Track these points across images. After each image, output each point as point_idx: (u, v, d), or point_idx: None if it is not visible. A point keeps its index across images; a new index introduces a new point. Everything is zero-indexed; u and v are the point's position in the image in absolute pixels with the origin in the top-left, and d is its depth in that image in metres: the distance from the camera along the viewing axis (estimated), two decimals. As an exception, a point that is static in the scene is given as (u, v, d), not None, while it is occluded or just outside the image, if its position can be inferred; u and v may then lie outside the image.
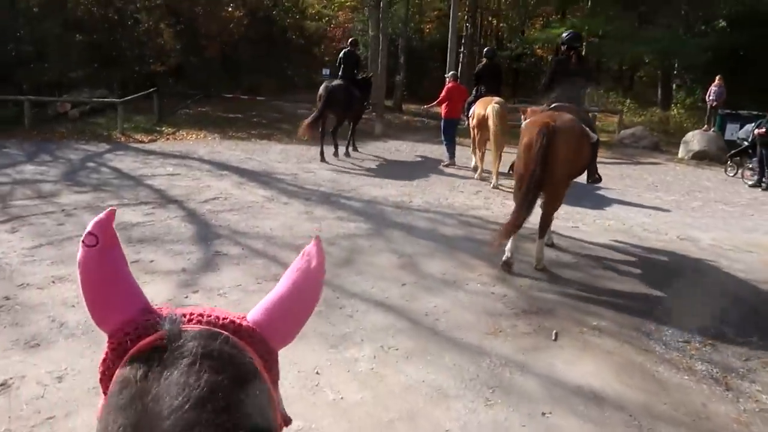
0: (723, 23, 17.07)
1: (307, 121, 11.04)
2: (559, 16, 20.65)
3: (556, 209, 6.09)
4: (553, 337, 4.44)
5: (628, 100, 18.65)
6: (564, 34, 6.73)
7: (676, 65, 16.95)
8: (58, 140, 12.51)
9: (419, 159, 12.15)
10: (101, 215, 0.74)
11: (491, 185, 10.14)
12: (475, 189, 9.43)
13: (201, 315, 0.70)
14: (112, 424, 0.58)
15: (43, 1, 20.06)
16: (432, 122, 17.96)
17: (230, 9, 22.35)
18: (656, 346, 4.40)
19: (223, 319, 0.71)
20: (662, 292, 5.46)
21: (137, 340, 0.66)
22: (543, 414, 3.44)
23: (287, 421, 0.75)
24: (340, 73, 11.57)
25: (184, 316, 0.69)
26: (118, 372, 0.64)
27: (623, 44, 15.40)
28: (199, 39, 20.95)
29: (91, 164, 10.35)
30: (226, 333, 0.67)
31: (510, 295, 5.22)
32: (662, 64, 16.95)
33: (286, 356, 1.86)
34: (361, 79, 12.26)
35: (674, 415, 3.51)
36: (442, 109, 11.55)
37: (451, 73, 12.32)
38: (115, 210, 0.77)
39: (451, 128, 11.47)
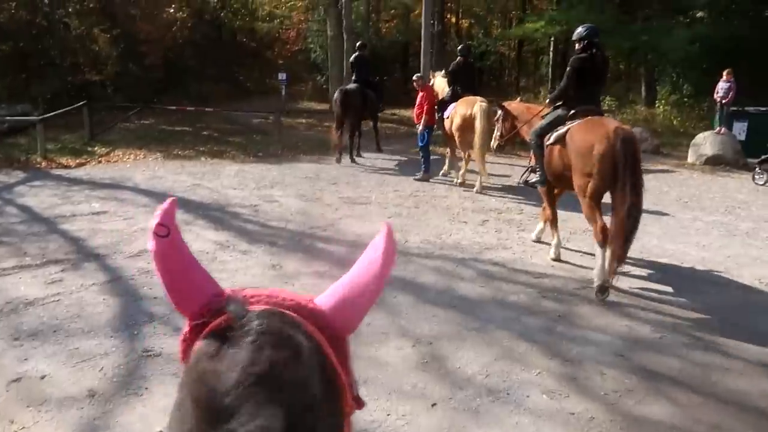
0: (701, 13, 15.72)
1: (335, 132, 11.27)
2: (528, 11, 19.05)
3: None
4: None
5: (608, 97, 17.16)
6: (580, 28, 5.69)
7: (654, 59, 15.50)
8: (-39, 170, 10.11)
9: (399, 174, 10.23)
10: (165, 204, 0.76)
11: (474, 190, 8.94)
12: (479, 217, 7.57)
13: (268, 296, 0.71)
14: (183, 399, 0.60)
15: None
16: (402, 128, 16.10)
17: (171, 11, 19.96)
18: None
19: (289, 300, 0.71)
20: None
21: (210, 321, 0.67)
22: None
23: (359, 405, 0.71)
24: (353, 77, 11.63)
25: (251, 298, 0.70)
26: (192, 351, 0.66)
27: (604, 38, 13.83)
28: (138, 44, 18.54)
29: (-6, 202, 8.08)
30: (288, 312, 0.68)
31: (598, 417, 3.35)
32: (645, 59, 15.49)
33: None
34: (374, 81, 12.30)
35: None
36: (420, 116, 9.80)
37: (418, 75, 10.68)
38: (176, 199, 0.80)
39: (429, 136, 9.87)
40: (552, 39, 21.49)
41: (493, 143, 7.49)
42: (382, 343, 4.11)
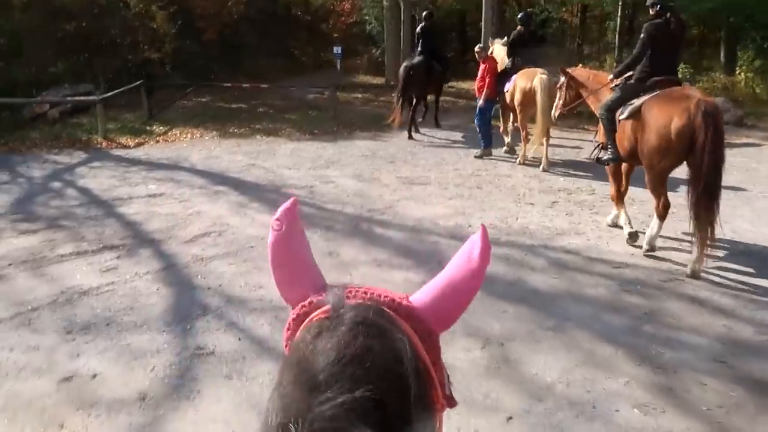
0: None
1: (396, 108, 11.04)
2: None
3: None
4: None
5: (682, 65, 15.97)
6: None
7: (737, 21, 14.20)
8: (27, 151, 10.24)
9: (459, 151, 9.73)
10: (287, 203, 0.82)
11: (540, 168, 8.35)
12: (547, 198, 7.04)
13: (365, 292, 0.73)
14: (283, 379, 0.63)
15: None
16: (461, 102, 15.50)
17: (227, -16, 19.77)
18: None
19: (385, 296, 0.73)
20: None
21: (311, 313, 0.72)
22: None
23: (451, 403, 0.72)
24: (419, 48, 11.09)
25: (350, 293, 0.73)
26: (294, 339, 0.70)
27: (686, 1, 12.75)
28: (195, 21, 18.46)
29: (56, 184, 8.08)
30: (382, 307, 0.70)
31: (702, 438, 2.91)
32: (726, 21, 14.25)
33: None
34: (440, 53, 11.77)
35: None
36: (482, 89, 9.17)
37: (479, 46, 9.95)
38: (297, 199, 0.85)
39: (490, 111, 9.31)
40: (620, 3, 20.22)
41: (555, 112, 7.06)
42: (448, 344, 3.75)
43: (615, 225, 5.93)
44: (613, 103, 5.41)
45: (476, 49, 9.78)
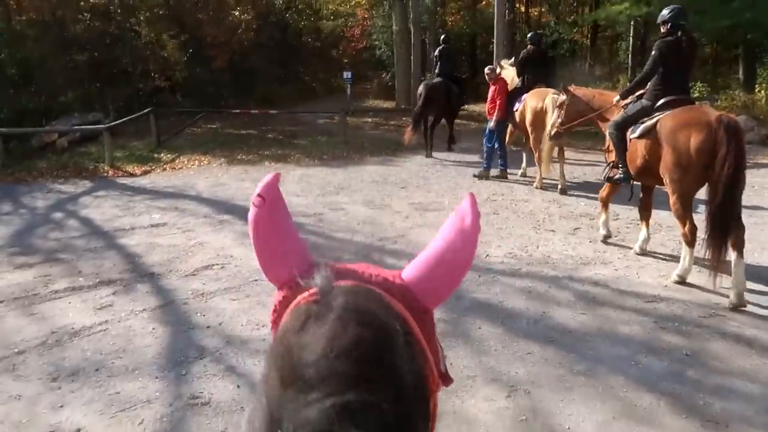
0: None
1: (409, 128, 10.99)
2: None
3: None
4: None
5: (699, 83, 15.61)
6: (665, 10, 5.13)
7: (757, 38, 13.82)
8: (33, 180, 10.03)
9: (473, 175, 9.39)
10: (268, 177, 0.77)
11: (558, 190, 8.06)
12: (568, 224, 6.65)
13: (355, 271, 0.70)
14: (270, 371, 0.60)
15: (37, 20, 17.83)
16: (473, 124, 15.20)
17: (237, 13, 19.77)
18: None
19: (376, 275, 0.70)
20: None
21: (298, 295, 0.68)
22: None
23: (447, 381, 0.70)
24: (437, 71, 11.21)
25: (339, 273, 0.69)
26: (281, 324, 0.66)
27: (699, 18, 12.43)
28: (206, 49, 18.42)
29: (57, 215, 7.82)
30: (375, 288, 0.67)
31: None
32: (744, 38, 13.88)
33: None
34: (457, 76, 11.95)
35: None
36: (493, 111, 9.01)
37: (490, 67, 9.73)
38: (279, 174, 0.80)
39: (502, 132, 9.15)
40: (632, 23, 19.98)
41: (551, 130, 6.95)
42: (469, 392, 3.36)
43: (643, 253, 5.53)
44: (624, 122, 5.28)
45: (486, 71, 9.60)
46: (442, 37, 12.01)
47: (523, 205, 7.52)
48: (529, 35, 10.36)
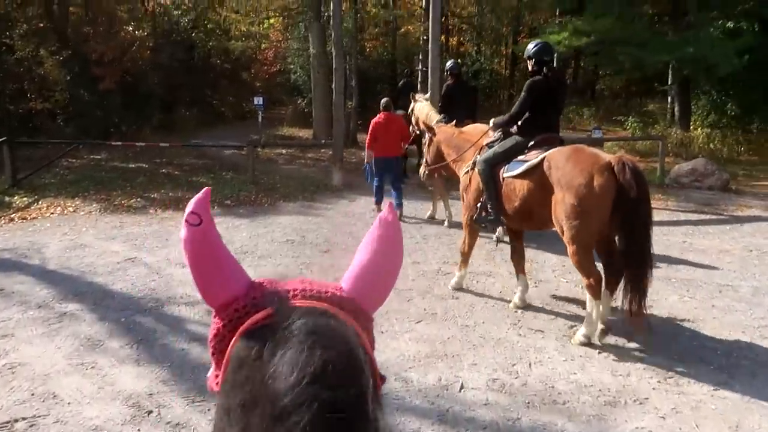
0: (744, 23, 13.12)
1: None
2: (556, 19, 16.38)
3: None
4: None
5: (631, 118, 14.56)
6: (530, 46, 4.94)
7: (693, 74, 12.86)
8: None
9: (413, 229, 7.39)
10: (200, 194, 0.74)
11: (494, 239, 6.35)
12: (558, 318, 4.73)
13: (304, 290, 0.68)
14: (232, 399, 0.58)
15: None
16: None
17: (130, 29, 17.00)
18: None
19: (325, 292, 0.69)
20: None
21: (246, 317, 0.65)
22: None
23: (383, 380, 0.72)
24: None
25: (288, 292, 0.67)
26: (232, 348, 0.63)
27: (640, 51, 11.24)
28: (92, 67, 15.53)
29: None
30: (331, 308, 0.66)
31: None
32: (679, 74, 12.88)
33: None
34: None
35: None
36: (372, 148, 7.92)
37: (384, 100, 8.31)
38: (210, 189, 0.77)
39: (382, 169, 7.93)
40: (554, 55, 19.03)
41: (422, 170, 6.70)
42: None
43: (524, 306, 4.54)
44: (495, 158, 4.80)
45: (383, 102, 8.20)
46: (405, 71, 11.30)
47: (486, 281, 5.56)
48: (448, 65, 8.92)
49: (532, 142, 4.65)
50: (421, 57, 21.33)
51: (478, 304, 5.00)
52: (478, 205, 4.94)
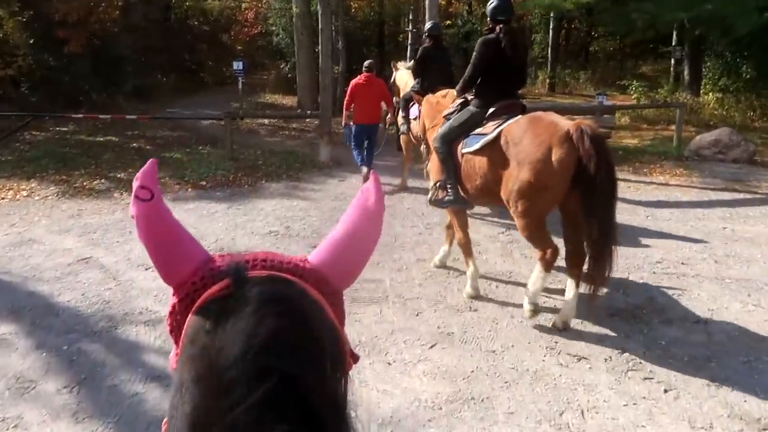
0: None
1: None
2: None
3: None
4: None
5: (635, 82, 13.54)
6: (489, 2, 4.34)
7: (706, 33, 11.80)
8: None
9: (415, 218, 6.43)
10: (146, 167, 0.69)
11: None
12: (604, 350, 3.83)
13: (264, 260, 0.64)
14: (186, 374, 0.55)
15: None
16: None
17: (97, -14, 15.48)
18: None
19: (287, 263, 0.65)
20: None
21: (203, 290, 0.62)
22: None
23: (355, 358, 0.68)
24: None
25: (248, 263, 0.63)
26: (187, 322, 0.60)
27: (657, 7, 10.17)
28: (57, 29, 14.10)
29: None
30: (289, 277, 0.63)
31: None
32: (691, 34, 11.81)
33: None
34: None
35: None
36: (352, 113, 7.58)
37: (368, 61, 8.10)
38: (157, 161, 0.73)
39: (362, 136, 7.55)
40: (552, 14, 17.85)
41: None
42: None
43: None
44: (451, 133, 4.37)
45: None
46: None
47: (507, 287, 4.61)
48: (427, 25, 7.87)
49: (489, 112, 4.20)
50: (411, 17, 20.04)
51: (501, 318, 4.08)
52: (436, 184, 4.54)
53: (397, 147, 8.26)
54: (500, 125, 4.00)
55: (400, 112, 7.57)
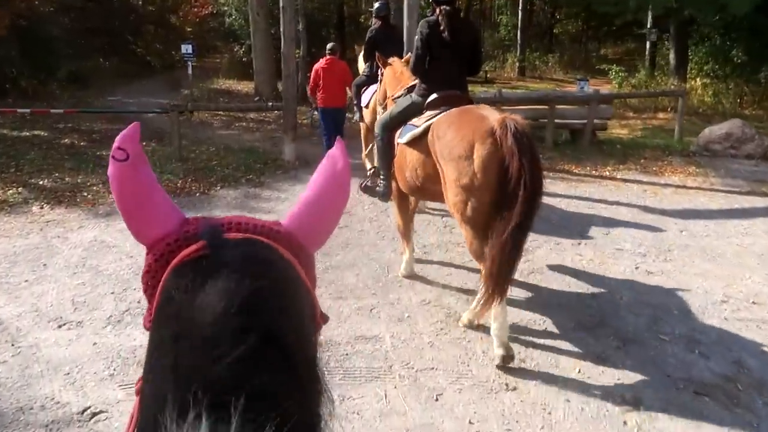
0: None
1: None
2: None
3: None
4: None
5: (615, 67, 12.60)
6: None
7: (694, 15, 10.93)
8: None
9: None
10: (126, 130, 0.68)
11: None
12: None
13: (239, 224, 0.64)
14: (165, 332, 0.55)
15: None
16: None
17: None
18: None
19: (261, 226, 0.65)
20: None
21: (179, 251, 0.61)
22: None
23: (325, 320, 0.69)
24: None
25: (223, 226, 0.63)
26: (162, 283, 0.60)
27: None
28: (-27, 8, 12.16)
29: None
30: (265, 239, 0.62)
31: None
32: (679, 15, 10.91)
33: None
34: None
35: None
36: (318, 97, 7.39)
37: (331, 44, 8.06)
38: (139, 124, 0.70)
39: (328, 121, 7.32)
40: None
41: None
42: None
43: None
44: (392, 121, 4.04)
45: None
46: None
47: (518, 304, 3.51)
48: (376, 5, 7.02)
49: (428, 101, 3.84)
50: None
51: (553, 403, 2.95)
52: (369, 171, 4.34)
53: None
54: (432, 118, 3.66)
55: (353, 99, 7.09)
